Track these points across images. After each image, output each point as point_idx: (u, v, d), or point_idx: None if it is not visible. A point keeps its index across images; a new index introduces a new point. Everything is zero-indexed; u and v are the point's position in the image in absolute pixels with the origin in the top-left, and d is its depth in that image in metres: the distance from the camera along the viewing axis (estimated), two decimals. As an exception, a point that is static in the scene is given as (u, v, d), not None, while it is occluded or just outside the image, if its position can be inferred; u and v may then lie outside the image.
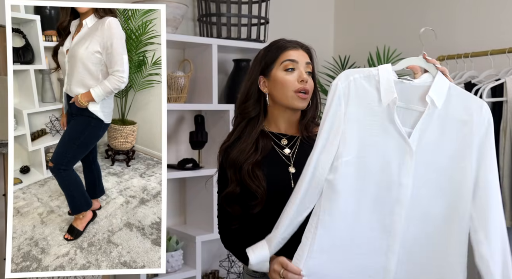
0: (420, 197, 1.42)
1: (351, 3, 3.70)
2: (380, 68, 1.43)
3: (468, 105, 1.42)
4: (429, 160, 1.42)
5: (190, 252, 2.90)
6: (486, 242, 1.39)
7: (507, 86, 2.38)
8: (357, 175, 1.41)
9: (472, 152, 1.41)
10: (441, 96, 1.41)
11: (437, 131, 1.42)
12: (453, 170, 1.42)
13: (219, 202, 1.67)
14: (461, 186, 1.42)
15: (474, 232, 1.41)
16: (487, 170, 1.42)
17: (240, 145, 1.62)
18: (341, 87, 1.41)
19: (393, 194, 1.41)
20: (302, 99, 1.60)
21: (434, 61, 1.46)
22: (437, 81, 1.42)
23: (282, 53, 1.63)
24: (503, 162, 2.36)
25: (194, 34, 3.16)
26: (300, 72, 1.60)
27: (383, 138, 1.41)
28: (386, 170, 1.41)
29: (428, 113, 1.41)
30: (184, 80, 2.83)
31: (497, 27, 2.86)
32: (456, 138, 1.42)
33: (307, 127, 1.66)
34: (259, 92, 1.65)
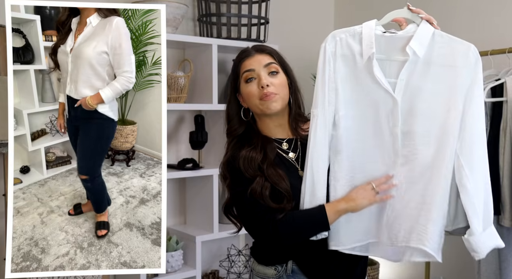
0: (413, 144, 1.49)
1: (351, 3, 3.70)
2: (363, 25, 1.51)
3: (454, 50, 1.47)
4: (415, 107, 1.49)
5: (190, 252, 2.90)
6: (472, 178, 1.45)
7: (507, 86, 2.38)
8: (357, 128, 1.52)
9: (458, 96, 1.46)
10: (423, 45, 1.47)
11: (422, 78, 1.48)
12: (440, 114, 1.48)
13: (250, 202, 1.52)
14: (448, 129, 1.47)
15: (458, 168, 1.46)
16: (474, 112, 1.46)
17: (246, 153, 1.57)
18: (329, 49, 1.52)
19: (387, 144, 1.51)
20: (267, 101, 1.56)
21: (418, 11, 1.51)
22: (420, 30, 1.48)
23: (240, 66, 1.62)
24: (503, 162, 2.36)
25: (194, 34, 3.16)
26: (259, 78, 1.57)
27: (372, 91, 1.50)
28: (377, 122, 1.51)
29: (410, 62, 1.47)
30: (184, 80, 2.83)
31: (497, 27, 2.86)
32: (441, 84, 1.47)
33: (296, 125, 1.64)
34: (238, 109, 1.64)
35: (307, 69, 2.83)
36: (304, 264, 1.59)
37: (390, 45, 1.49)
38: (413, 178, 1.50)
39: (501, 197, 2.35)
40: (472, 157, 1.46)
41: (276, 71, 1.60)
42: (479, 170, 1.47)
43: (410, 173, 1.50)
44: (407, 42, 1.46)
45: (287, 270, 1.60)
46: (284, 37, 3.39)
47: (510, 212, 2.34)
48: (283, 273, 1.60)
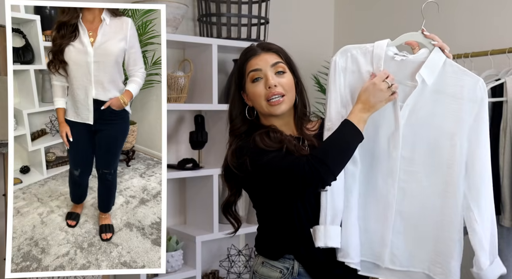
0: (414, 171, 1.50)
1: (351, 3, 3.70)
2: (375, 45, 1.51)
3: (462, 81, 1.46)
4: (420, 135, 1.49)
5: (190, 252, 2.90)
6: (480, 220, 1.46)
7: (507, 86, 2.38)
8: None
9: (463, 130, 1.45)
10: (433, 73, 1.46)
11: (429, 106, 1.48)
12: (444, 146, 1.48)
13: (279, 158, 1.46)
14: (453, 163, 1.47)
15: (467, 210, 1.47)
16: (479, 150, 1.46)
17: (256, 136, 1.53)
18: (340, 63, 1.52)
19: (383, 165, 1.51)
20: (275, 105, 1.54)
21: (432, 36, 1.48)
22: (431, 57, 1.46)
23: (246, 65, 1.58)
24: (503, 162, 2.36)
25: (194, 34, 3.16)
26: (266, 78, 1.54)
27: (378, 110, 1.48)
28: (377, 142, 1.51)
29: (418, 89, 1.46)
30: (184, 80, 2.83)
31: (497, 27, 2.86)
32: (447, 114, 1.47)
33: (302, 124, 1.62)
34: (242, 108, 1.62)
35: (307, 69, 2.82)
36: (310, 266, 1.55)
37: (400, 68, 1.48)
38: (417, 213, 1.53)
39: (501, 197, 2.35)
40: (480, 199, 1.46)
41: (283, 70, 1.57)
42: (487, 209, 1.48)
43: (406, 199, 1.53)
44: (417, 68, 1.45)
45: (293, 273, 1.55)
46: (284, 37, 3.39)
47: (510, 212, 2.34)
48: (288, 275, 1.55)
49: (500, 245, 2.45)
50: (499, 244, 2.44)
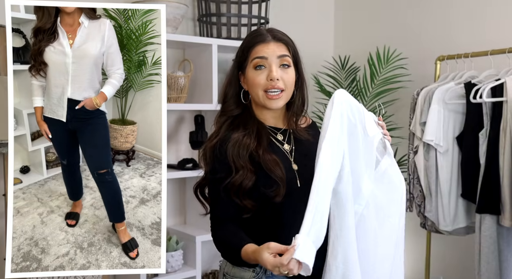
0: None
1: (351, 3, 3.70)
2: None
3: None
4: None
5: (190, 252, 2.90)
6: None
7: (507, 86, 2.38)
8: None
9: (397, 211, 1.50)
10: None
11: None
12: (387, 222, 1.49)
13: (219, 193, 1.49)
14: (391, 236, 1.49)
15: None
16: None
17: (239, 137, 1.49)
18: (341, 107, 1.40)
19: None
20: (272, 99, 1.50)
21: (382, 125, 1.52)
22: None
23: (252, 49, 1.51)
24: (503, 162, 2.36)
25: (194, 34, 3.16)
26: (270, 70, 1.49)
27: None
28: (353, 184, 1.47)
29: None
30: (184, 80, 2.83)
31: (497, 27, 2.86)
32: None
33: (295, 120, 1.58)
34: (238, 90, 1.56)
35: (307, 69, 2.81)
36: None
37: None
38: None
39: (501, 197, 2.35)
40: None
41: (288, 64, 1.52)
42: None
43: None
44: None
45: (267, 270, 1.44)
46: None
47: (510, 212, 2.34)
48: (262, 275, 1.46)
49: (500, 245, 2.46)
50: (499, 244, 2.45)
